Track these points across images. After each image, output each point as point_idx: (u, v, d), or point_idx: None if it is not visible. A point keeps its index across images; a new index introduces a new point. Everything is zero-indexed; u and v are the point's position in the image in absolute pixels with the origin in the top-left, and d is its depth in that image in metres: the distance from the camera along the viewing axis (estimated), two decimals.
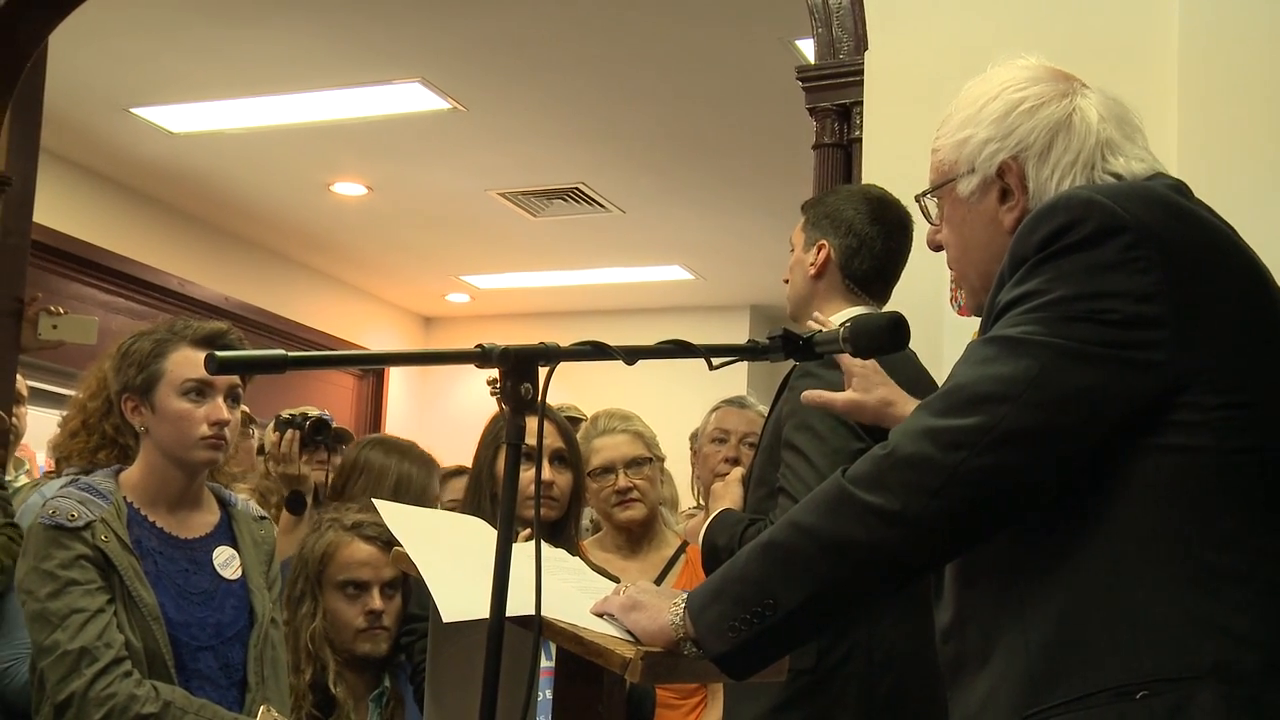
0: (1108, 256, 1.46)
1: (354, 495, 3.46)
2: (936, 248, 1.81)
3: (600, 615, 1.68)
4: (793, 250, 2.82)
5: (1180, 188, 1.64)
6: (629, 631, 1.64)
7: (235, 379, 2.57)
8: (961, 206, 1.72)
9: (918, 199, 1.81)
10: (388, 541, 2.93)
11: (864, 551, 1.46)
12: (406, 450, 3.71)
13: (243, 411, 2.75)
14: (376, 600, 2.94)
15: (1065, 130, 1.66)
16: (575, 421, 4.46)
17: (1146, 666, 1.40)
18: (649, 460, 3.49)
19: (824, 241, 2.73)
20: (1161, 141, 2.90)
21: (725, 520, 2.60)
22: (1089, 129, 1.66)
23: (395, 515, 2.06)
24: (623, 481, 3.42)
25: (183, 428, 2.53)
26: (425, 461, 3.73)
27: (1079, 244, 1.48)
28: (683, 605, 1.56)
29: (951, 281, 1.83)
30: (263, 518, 2.78)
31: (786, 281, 2.83)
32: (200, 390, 2.53)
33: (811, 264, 2.73)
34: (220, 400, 2.55)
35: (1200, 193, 1.66)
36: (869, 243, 2.73)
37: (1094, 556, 1.45)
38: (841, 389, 2.49)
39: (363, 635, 2.93)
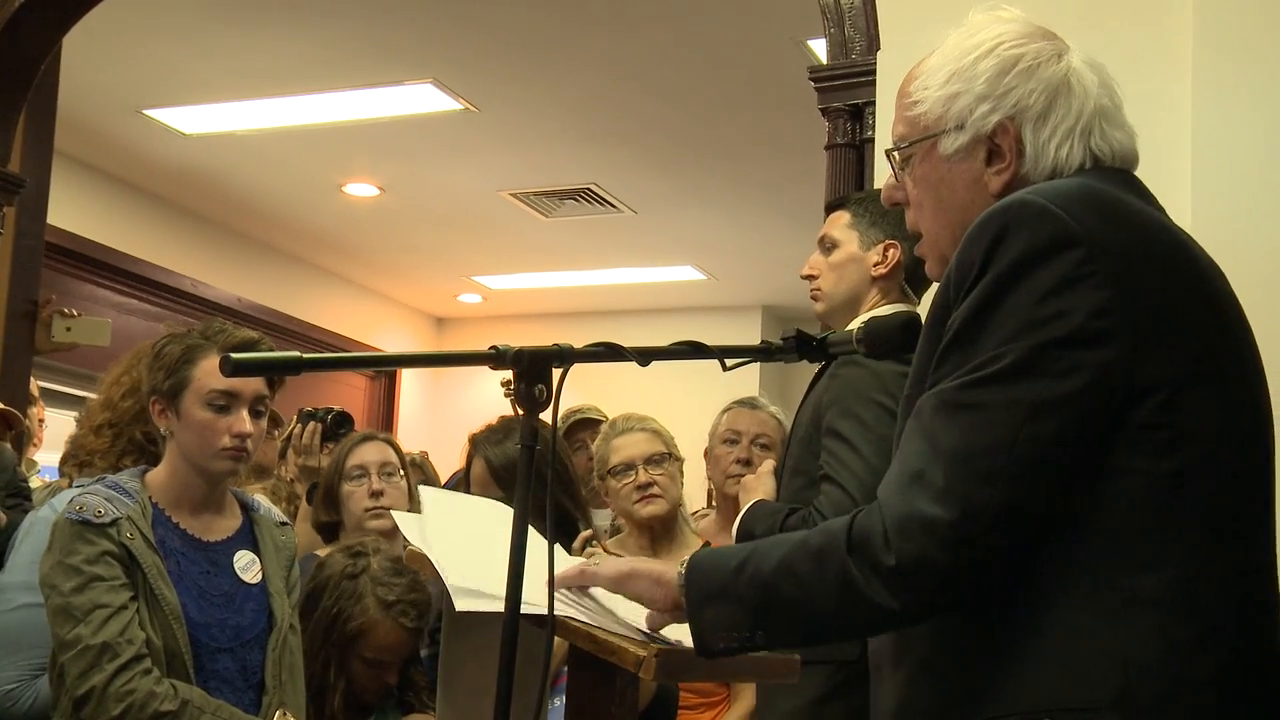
0: (1062, 271, 1.41)
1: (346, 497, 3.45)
2: (894, 204, 1.73)
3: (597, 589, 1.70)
4: (834, 246, 2.77)
5: (1131, 181, 1.59)
6: (644, 630, 1.65)
7: (262, 390, 2.59)
8: (941, 165, 1.62)
9: (889, 152, 1.69)
10: (418, 629, 2.98)
11: (860, 630, 1.61)
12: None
13: (271, 412, 2.75)
14: (394, 676, 2.99)
15: (1065, 93, 1.59)
16: (595, 423, 4.44)
17: (1053, 695, 1.39)
18: (668, 456, 3.46)
19: (894, 242, 2.71)
20: (1176, 135, 2.90)
21: (761, 510, 2.59)
22: (1086, 93, 1.59)
23: (415, 519, 2.02)
24: (643, 476, 3.38)
25: (205, 437, 2.54)
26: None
27: (1030, 260, 1.42)
28: (684, 574, 1.55)
29: (916, 242, 1.72)
30: (284, 523, 2.79)
31: (810, 277, 2.80)
32: (225, 401, 2.54)
33: (879, 263, 2.72)
34: (244, 412, 2.56)
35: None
36: None
37: (1013, 580, 1.43)
38: (885, 380, 2.48)
39: (371, 693, 2.99)
